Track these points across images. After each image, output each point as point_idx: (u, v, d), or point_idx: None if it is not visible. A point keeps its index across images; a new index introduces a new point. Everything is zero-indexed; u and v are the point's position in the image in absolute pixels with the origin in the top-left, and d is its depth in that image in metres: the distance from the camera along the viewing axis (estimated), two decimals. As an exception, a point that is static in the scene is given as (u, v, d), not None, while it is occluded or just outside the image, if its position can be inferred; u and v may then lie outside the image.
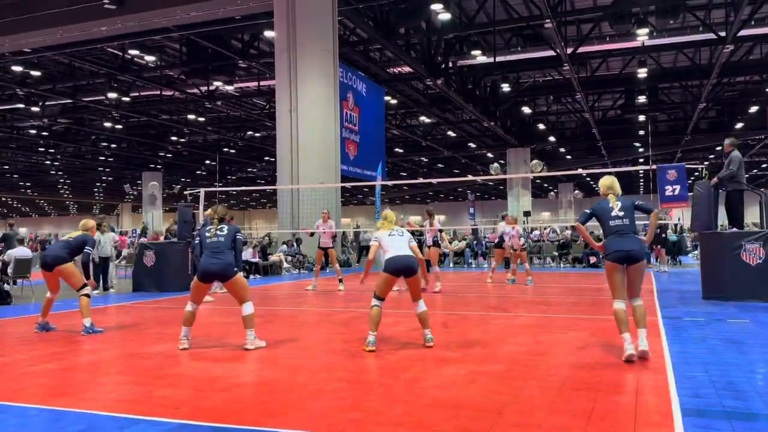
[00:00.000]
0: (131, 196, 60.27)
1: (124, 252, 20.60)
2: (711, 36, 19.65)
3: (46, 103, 29.66)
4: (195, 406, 4.15)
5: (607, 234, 5.63)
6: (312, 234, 13.78)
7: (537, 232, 25.25)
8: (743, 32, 19.28)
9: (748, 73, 26.25)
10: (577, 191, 58.25)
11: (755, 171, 46.87)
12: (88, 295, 7.49)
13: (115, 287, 14.06)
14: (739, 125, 31.95)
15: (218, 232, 6.45)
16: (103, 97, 27.61)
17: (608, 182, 5.86)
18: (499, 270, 15.14)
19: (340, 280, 13.00)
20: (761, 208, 10.47)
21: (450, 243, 18.45)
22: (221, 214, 6.78)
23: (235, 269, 6.32)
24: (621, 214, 5.57)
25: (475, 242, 24.47)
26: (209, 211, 11.42)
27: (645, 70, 23.97)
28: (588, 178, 55.74)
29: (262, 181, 53.53)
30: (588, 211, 5.81)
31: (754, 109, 29.50)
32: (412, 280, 6.29)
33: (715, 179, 10.40)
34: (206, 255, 6.36)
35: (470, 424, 3.68)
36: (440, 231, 12.42)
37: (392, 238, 6.36)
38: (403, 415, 3.89)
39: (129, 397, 4.45)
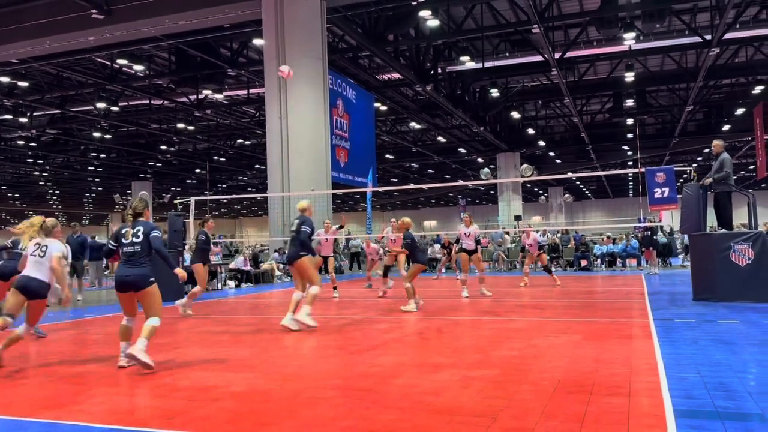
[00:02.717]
0: (121, 206, 59.84)
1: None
2: (697, 39, 19.85)
3: (34, 113, 29.54)
4: (188, 416, 4.13)
5: (416, 247, 10.43)
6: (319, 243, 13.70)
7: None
8: (728, 35, 19.52)
9: (734, 75, 26.50)
10: (567, 195, 58.56)
11: (742, 173, 47.28)
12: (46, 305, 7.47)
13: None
14: (726, 127, 32.26)
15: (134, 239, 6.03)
16: (92, 107, 27.52)
17: (408, 220, 10.44)
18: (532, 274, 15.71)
19: (335, 288, 13.00)
20: (749, 209, 10.56)
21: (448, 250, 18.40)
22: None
23: (152, 279, 6.00)
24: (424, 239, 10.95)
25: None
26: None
27: (632, 73, 24.18)
28: (578, 182, 56.02)
29: (253, 189, 53.43)
30: (409, 241, 10.20)
31: (740, 111, 29.79)
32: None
33: (709, 180, 10.38)
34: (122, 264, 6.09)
35: (464, 429, 3.69)
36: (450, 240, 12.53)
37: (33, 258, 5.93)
38: (396, 421, 3.88)
39: (122, 408, 4.43)
